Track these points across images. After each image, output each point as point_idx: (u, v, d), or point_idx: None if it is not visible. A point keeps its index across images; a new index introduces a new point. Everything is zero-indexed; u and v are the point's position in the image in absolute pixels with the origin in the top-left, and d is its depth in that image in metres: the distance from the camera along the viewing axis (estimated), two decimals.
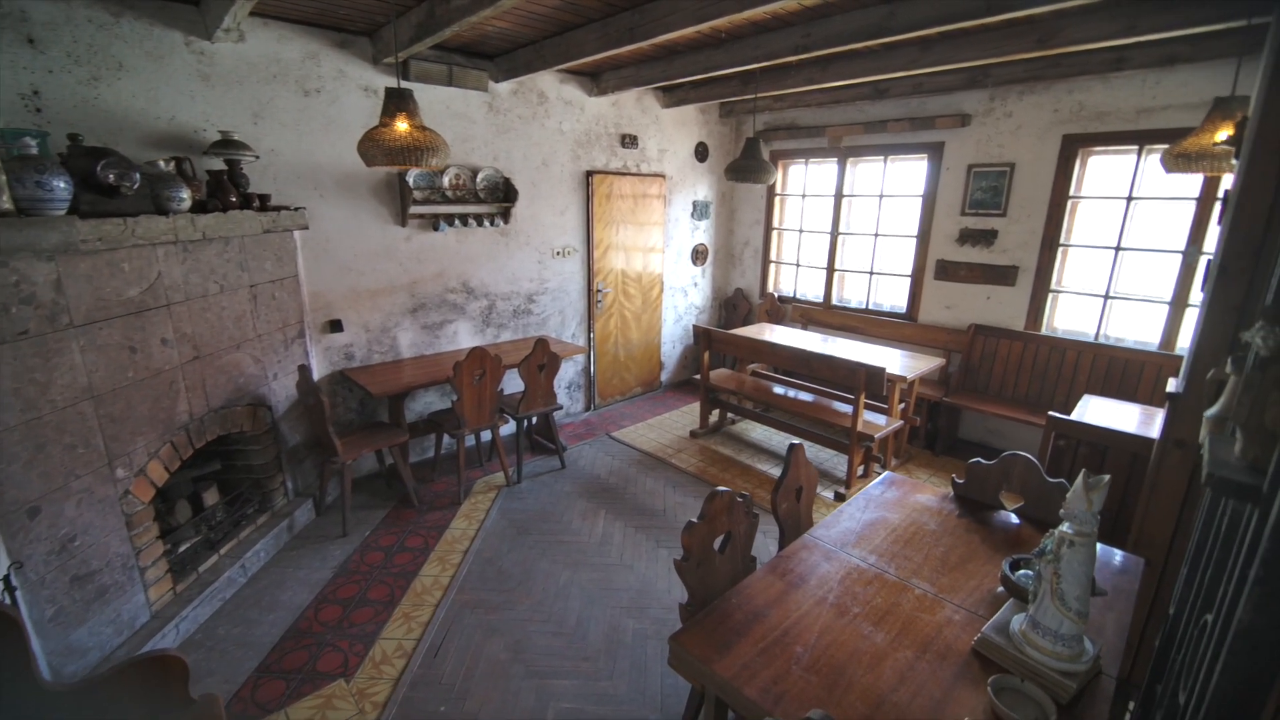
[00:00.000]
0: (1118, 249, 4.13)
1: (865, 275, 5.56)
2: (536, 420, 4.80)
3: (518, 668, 2.59)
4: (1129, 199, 4.04)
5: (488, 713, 2.37)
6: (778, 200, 6.21)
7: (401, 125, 2.44)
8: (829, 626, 1.70)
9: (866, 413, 4.29)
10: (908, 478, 2.63)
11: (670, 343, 6.32)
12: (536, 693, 2.46)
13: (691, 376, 6.60)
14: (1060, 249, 4.36)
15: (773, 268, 6.38)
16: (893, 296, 5.51)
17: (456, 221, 4.29)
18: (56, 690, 1.52)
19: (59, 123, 2.72)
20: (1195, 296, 3.83)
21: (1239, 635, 0.73)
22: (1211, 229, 3.69)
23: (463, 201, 4.30)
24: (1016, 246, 4.52)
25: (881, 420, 4.27)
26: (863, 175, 5.51)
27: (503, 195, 4.50)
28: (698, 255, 6.34)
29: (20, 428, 2.07)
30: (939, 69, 3.92)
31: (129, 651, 2.45)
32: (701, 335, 4.91)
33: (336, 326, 3.91)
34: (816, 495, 3.50)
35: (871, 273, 5.50)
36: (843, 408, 4.44)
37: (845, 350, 4.54)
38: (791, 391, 4.87)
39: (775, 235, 6.29)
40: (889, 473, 2.68)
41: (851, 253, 5.71)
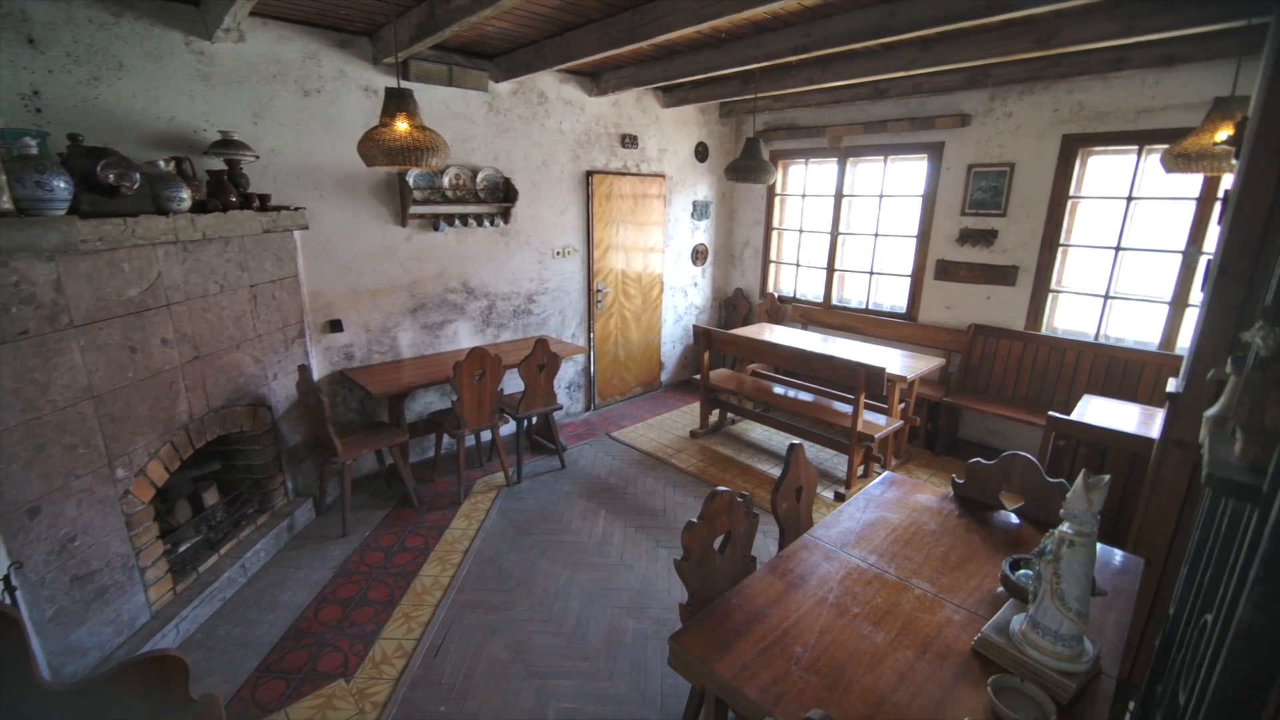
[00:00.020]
0: (1118, 249, 4.13)
1: (865, 275, 5.56)
2: (536, 420, 4.80)
3: (518, 668, 2.59)
4: (1129, 199, 4.04)
5: (488, 713, 2.37)
6: (778, 200, 6.21)
7: (401, 125, 2.44)
8: (829, 626, 1.70)
9: (866, 413, 4.29)
10: (908, 478, 2.63)
11: (670, 343, 6.32)
12: (536, 693, 2.46)
13: (691, 376, 6.60)
14: (1060, 249, 4.36)
15: (773, 268, 6.37)
16: (893, 296, 5.51)
17: (456, 221, 4.29)
18: (56, 690, 1.52)
19: (59, 123, 2.72)
20: (1195, 296, 3.83)
21: (1239, 635, 0.73)
22: (1211, 229, 3.69)
23: (463, 201, 4.30)
24: (1016, 246, 4.52)
25: (881, 420, 4.27)
26: (863, 175, 5.51)
27: (503, 195, 4.50)
28: (698, 255, 6.34)
29: (20, 428, 2.07)
30: (939, 69, 3.93)
31: (129, 651, 2.45)
32: (701, 335, 4.91)
33: (336, 326, 3.91)
34: (816, 495, 3.50)
35: (871, 273, 5.50)
36: (843, 408, 4.44)
37: (845, 350, 4.54)
38: (791, 391, 4.87)
39: (775, 235, 6.29)
40: (889, 473, 2.68)
41: (851, 253, 5.71)
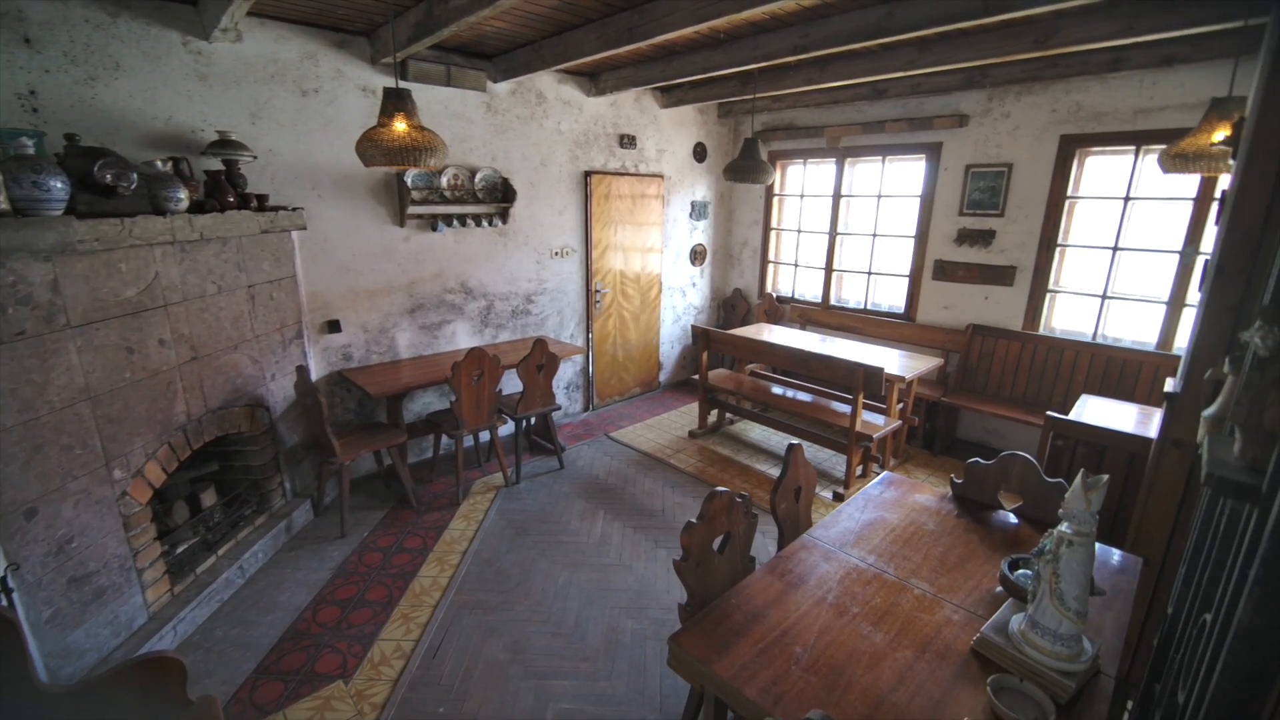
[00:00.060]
0: (1115, 249, 4.14)
1: (863, 275, 5.56)
2: (535, 421, 4.79)
3: (516, 668, 2.59)
4: (1126, 199, 4.05)
5: (486, 713, 2.36)
6: (776, 200, 6.21)
7: (400, 125, 2.43)
8: (828, 626, 1.70)
9: (865, 413, 4.29)
10: (906, 478, 2.63)
11: (669, 343, 6.32)
12: (535, 693, 2.46)
13: (690, 377, 6.60)
14: (1058, 249, 4.37)
15: (771, 268, 6.38)
16: (891, 297, 5.51)
17: (455, 222, 4.28)
18: (54, 692, 1.52)
19: (56, 123, 2.71)
20: (1193, 296, 3.84)
21: (1239, 635, 0.73)
22: (1209, 229, 3.70)
23: (461, 202, 4.30)
24: (1014, 247, 4.53)
25: (880, 420, 4.28)
26: (861, 175, 5.51)
27: (501, 195, 4.50)
28: (696, 255, 6.34)
29: (17, 429, 2.06)
30: (937, 69, 3.93)
31: (126, 653, 2.44)
32: (700, 335, 4.91)
33: (334, 327, 3.90)
34: (815, 495, 3.49)
35: (870, 273, 5.51)
36: (841, 408, 4.44)
37: (843, 350, 4.55)
38: (790, 391, 4.87)
39: (774, 235, 6.29)
40: (887, 473, 2.68)
41: (850, 253, 5.71)
